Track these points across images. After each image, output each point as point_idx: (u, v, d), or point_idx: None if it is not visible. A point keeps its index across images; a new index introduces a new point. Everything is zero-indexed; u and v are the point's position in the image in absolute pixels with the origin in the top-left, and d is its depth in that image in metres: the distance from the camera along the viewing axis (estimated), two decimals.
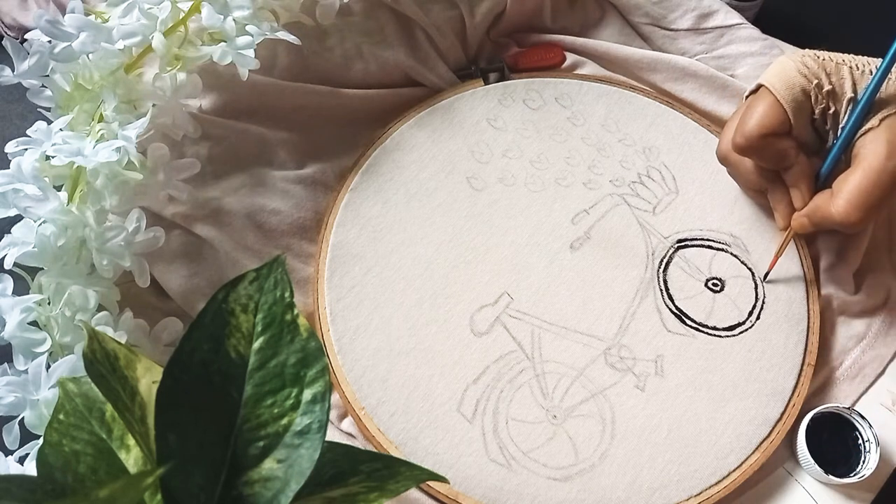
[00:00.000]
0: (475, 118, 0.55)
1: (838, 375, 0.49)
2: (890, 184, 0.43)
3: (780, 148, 0.46)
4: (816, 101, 0.45)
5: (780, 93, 0.45)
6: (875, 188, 0.43)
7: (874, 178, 0.43)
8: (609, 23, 0.61)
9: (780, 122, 0.45)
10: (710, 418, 0.46)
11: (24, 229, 0.42)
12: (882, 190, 0.43)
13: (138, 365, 0.31)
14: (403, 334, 0.48)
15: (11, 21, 0.59)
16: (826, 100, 0.45)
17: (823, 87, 0.45)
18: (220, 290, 0.30)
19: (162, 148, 0.45)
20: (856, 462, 0.44)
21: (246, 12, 0.46)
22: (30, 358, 0.40)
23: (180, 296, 0.47)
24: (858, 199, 0.43)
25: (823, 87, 0.45)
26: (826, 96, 0.45)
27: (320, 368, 0.29)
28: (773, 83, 0.45)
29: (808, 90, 0.45)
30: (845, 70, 0.45)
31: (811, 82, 0.45)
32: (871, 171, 0.43)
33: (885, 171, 0.43)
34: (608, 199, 0.52)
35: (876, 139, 0.43)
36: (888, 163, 0.43)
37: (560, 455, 0.44)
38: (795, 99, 0.45)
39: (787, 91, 0.45)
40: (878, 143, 0.43)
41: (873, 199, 0.43)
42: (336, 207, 0.52)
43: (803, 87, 0.45)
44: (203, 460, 0.28)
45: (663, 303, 0.49)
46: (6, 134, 0.56)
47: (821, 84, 0.45)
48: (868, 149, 0.44)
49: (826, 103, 0.45)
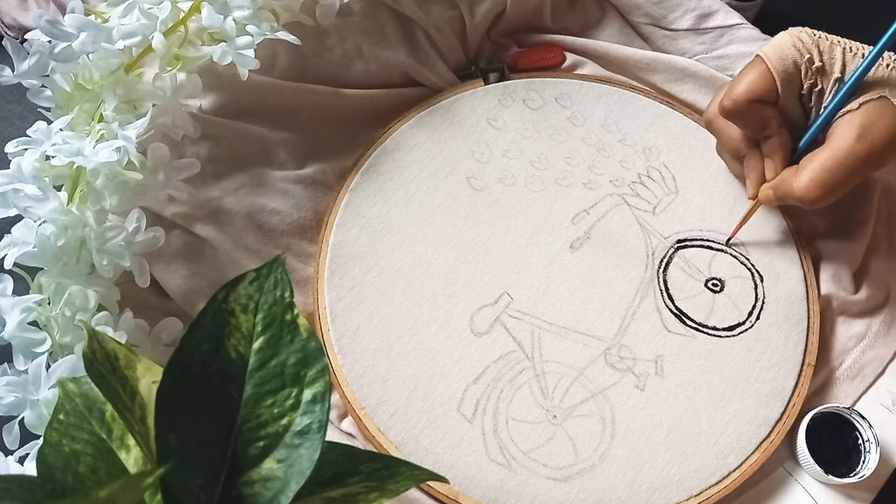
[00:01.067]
0: (475, 118, 0.55)
1: (838, 375, 0.49)
2: (854, 166, 0.43)
3: (764, 116, 0.46)
4: (806, 75, 0.46)
5: (772, 62, 0.46)
6: (839, 168, 0.43)
7: (839, 159, 0.43)
8: (609, 23, 0.61)
9: (768, 90, 0.46)
10: (710, 418, 0.46)
11: (24, 229, 0.42)
12: (845, 171, 0.43)
13: (138, 365, 0.31)
14: (403, 334, 0.48)
15: (11, 21, 0.59)
16: (815, 76, 0.45)
17: (814, 62, 0.45)
18: (220, 290, 0.30)
19: (162, 148, 0.45)
20: (856, 462, 0.44)
21: (246, 12, 0.46)
22: (30, 358, 0.40)
23: (180, 296, 0.47)
24: (820, 176, 0.44)
25: (814, 63, 0.45)
26: (815, 72, 0.45)
27: (320, 368, 0.29)
28: (767, 53, 0.46)
29: (799, 64, 0.45)
30: (838, 50, 0.46)
31: (803, 56, 0.45)
32: (838, 150, 0.43)
33: (851, 153, 0.43)
34: (608, 199, 0.52)
35: (850, 121, 0.44)
36: (856, 145, 0.43)
37: (560, 455, 0.44)
38: (786, 69, 0.45)
39: (779, 61, 0.45)
40: (850, 126, 0.44)
41: (835, 178, 0.43)
42: (336, 207, 0.52)
43: (795, 60, 0.45)
44: (203, 460, 0.28)
45: (663, 303, 0.49)
46: (6, 134, 0.56)
47: (812, 59, 0.45)
48: (840, 130, 0.44)
49: (814, 79, 0.46)
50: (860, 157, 0.43)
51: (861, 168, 0.43)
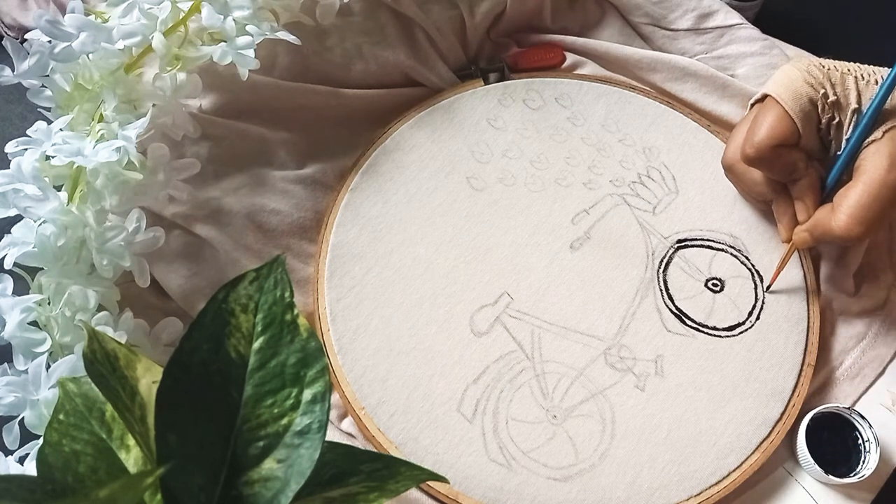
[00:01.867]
0: (475, 118, 0.55)
1: (838, 375, 0.49)
2: (891, 197, 0.42)
3: (790, 160, 0.45)
4: (823, 110, 0.45)
5: (787, 103, 0.45)
6: (876, 202, 0.42)
7: (875, 192, 0.42)
8: (609, 23, 0.61)
9: (790, 133, 0.45)
10: (710, 418, 0.46)
11: (24, 229, 0.42)
12: (882, 203, 0.42)
13: (138, 365, 0.31)
14: (403, 334, 0.48)
15: (11, 21, 0.59)
16: (832, 110, 0.45)
17: (829, 97, 0.44)
18: (220, 290, 0.30)
19: (162, 148, 0.45)
20: (856, 462, 0.44)
21: (246, 12, 0.46)
22: (30, 358, 0.40)
23: (180, 296, 0.47)
24: (859, 213, 0.43)
25: (829, 98, 0.44)
26: (831, 106, 0.44)
27: (320, 368, 0.29)
28: (779, 93, 0.45)
29: (815, 100, 0.45)
30: (850, 80, 0.45)
31: (818, 92, 0.44)
32: (872, 184, 0.43)
33: (885, 184, 0.42)
34: (608, 199, 0.52)
35: (878, 152, 0.43)
36: (889, 175, 0.42)
37: (560, 455, 0.44)
38: (803, 109, 0.44)
39: (794, 101, 0.44)
40: (879, 156, 0.43)
41: (874, 212, 0.42)
42: (336, 207, 0.52)
43: (810, 97, 0.45)
44: (203, 460, 0.28)
45: (663, 303, 0.49)
46: (6, 134, 0.56)
47: (826, 94, 0.44)
48: (869, 161, 0.43)
49: (832, 113, 0.45)
50: (893, 188, 0.42)
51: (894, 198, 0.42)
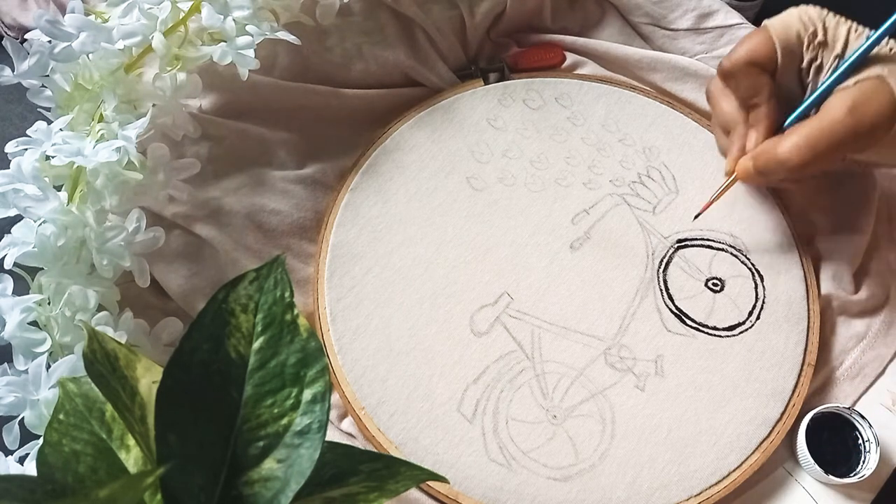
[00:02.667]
0: (475, 118, 0.55)
1: (838, 375, 0.49)
2: (840, 137, 0.43)
3: (758, 81, 0.46)
4: (808, 48, 0.46)
5: (775, 30, 0.46)
6: (825, 136, 0.43)
7: (827, 128, 0.43)
8: (609, 23, 0.61)
9: (767, 55, 0.46)
10: (710, 418, 0.46)
11: (24, 229, 0.42)
12: (831, 140, 0.43)
13: (138, 365, 0.31)
14: (403, 334, 0.48)
15: (11, 21, 0.59)
16: (817, 50, 0.45)
17: (817, 36, 0.45)
18: (220, 290, 0.30)
19: (162, 148, 0.45)
20: (856, 462, 0.44)
21: (246, 12, 0.46)
22: (30, 358, 0.40)
23: (180, 296, 0.47)
24: (806, 141, 0.43)
25: (817, 37, 0.45)
26: (818, 46, 0.45)
27: (320, 368, 0.29)
28: (772, 22, 0.46)
29: (802, 36, 0.46)
30: (843, 28, 0.46)
31: (807, 29, 0.45)
32: (827, 120, 0.43)
33: (840, 123, 0.43)
34: (608, 199, 0.52)
35: (843, 96, 0.44)
36: (845, 118, 0.43)
37: (560, 455, 0.44)
38: (788, 39, 0.46)
39: (782, 30, 0.46)
40: (842, 100, 0.43)
41: (820, 146, 0.43)
42: (336, 207, 0.52)
43: (798, 32, 0.46)
44: (203, 460, 0.28)
45: (663, 303, 0.49)
46: (6, 134, 0.56)
47: (815, 32, 0.45)
48: (832, 103, 0.44)
49: (815, 54, 0.46)
50: (846, 131, 0.43)
51: (845, 142, 0.43)
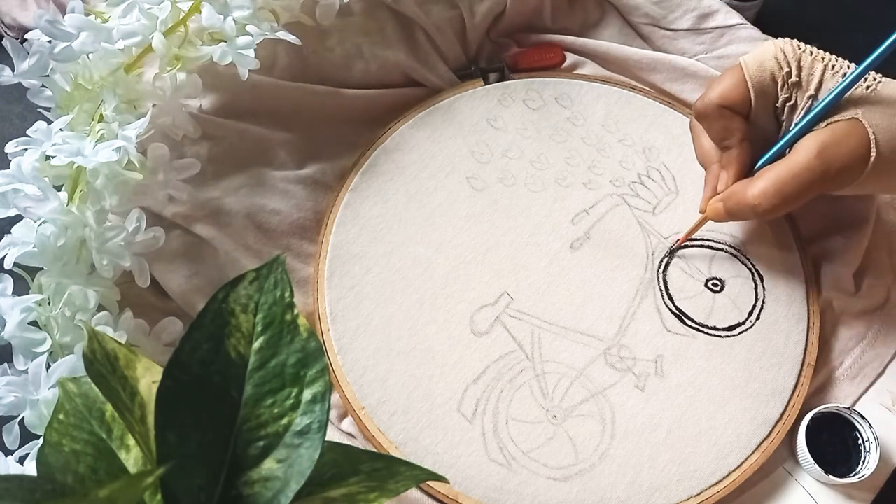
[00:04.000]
0: (475, 118, 0.55)
1: (838, 375, 0.49)
2: (808, 181, 0.43)
3: (729, 125, 0.46)
4: (782, 88, 0.45)
5: (749, 71, 0.45)
6: (794, 180, 0.43)
7: (796, 171, 0.43)
8: (609, 23, 0.61)
9: (740, 99, 0.45)
10: (710, 418, 0.46)
11: (24, 229, 0.42)
12: (799, 184, 0.43)
13: (138, 365, 0.31)
14: (403, 334, 0.48)
15: (11, 21, 0.59)
16: (791, 90, 0.45)
17: (791, 76, 0.45)
18: (220, 290, 0.30)
19: (162, 148, 0.45)
20: (856, 462, 0.44)
21: (246, 12, 0.46)
22: (30, 358, 0.40)
23: (180, 296, 0.47)
24: (775, 186, 0.43)
25: (791, 77, 0.45)
26: (791, 87, 0.45)
27: (320, 368, 0.29)
28: (747, 61, 0.46)
29: (776, 76, 0.45)
30: (818, 67, 0.45)
31: (782, 69, 0.45)
32: (795, 164, 0.43)
33: (807, 167, 0.43)
34: (608, 200, 0.52)
35: (814, 137, 0.43)
36: (814, 161, 0.42)
37: (560, 455, 0.44)
38: (762, 81, 0.45)
39: (756, 72, 0.45)
40: (812, 142, 0.43)
41: (790, 189, 0.43)
42: (336, 207, 0.52)
43: (773, 73, 0.45)
44: (203, 460, 0.28)
45: (663, 303, 0.49)
46: (6, 134, 0.56)
47: (790, 73, 0.45)
48: (802, 145, 0.44)
49: (790, 94, 0.45)
50: (814, 175, 0.42)
51: (814, 185, 0.43)
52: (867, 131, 0.42)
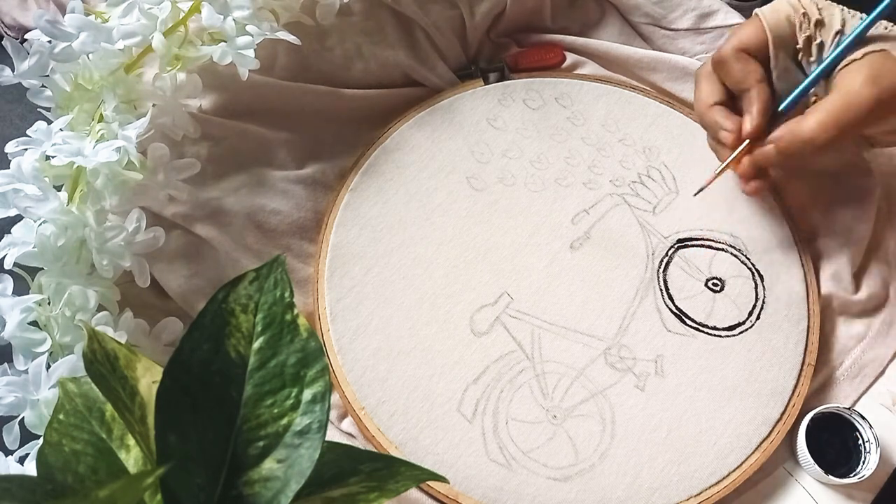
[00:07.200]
0: (475, 118, 0.55)
1: (838, 375, 0.49)
2: (862, 109, 0.43)
3: (747, 68, 0.46)
4: (801, 28, 0.46)
5: (765, 17, 0.46)
6: (847, 111, 0.43)
7: (847, 102, 0.43)
8: (609, 23, 0.61)
9: (758, 44, 0.46)
10: (710, 418, 0.46)
11: (24, 229, 0.42)
12: (854, 114, 0.43)
13: (138, 365, 0.31)
14: (403, 334, 0.48)
15: (11, 21, 0.59)
16: (814, 30, 0.46)
17: (812, 17, 0.45)
18: (220, 290, 0.30)
19: (162, 148, 0.45)
20: (856, 462, 0.44)
21: (246, 12, 0.46)
22: (30, 358, 0.40)
23: (180, 296, 0.47)
24: (829, 118, 0.43)
25: (812, 18, 0.45)
26: (814, 26, 0.46)
27: (320, 368, 0.29)
28: (763, 10, 0.47)
29: (791, 19, 0.46)
30: (836, 9, 0.46)
31: (797, 11, 0.46)
32: (846, 94, 0.43)
33: (860, 95, 0.43)
34: (608, 199, 0.52)
35: (857, 69, 0.44)
36: (864, 89, 0.43)
37: (560, 455, 0.44)
38: (778, 24, 0.46)
39: (772, 15, 0.46)
40: (857, 73, 0.44)
41: (845, 120, 0.43)
42: (336, 207, 0.52)
43: (788, 15, 0.46)
44: (203, 460, 0.28)
45: (663, 303, 0.49)
46: (6, 134, 0.56)
47: (808, 14, 0.45)
48: (847, 77, 0.44)
49: (812, 32, 0.46)
50: (870, 101, 0.43)
51: (870, 112, 0.43)
52: None
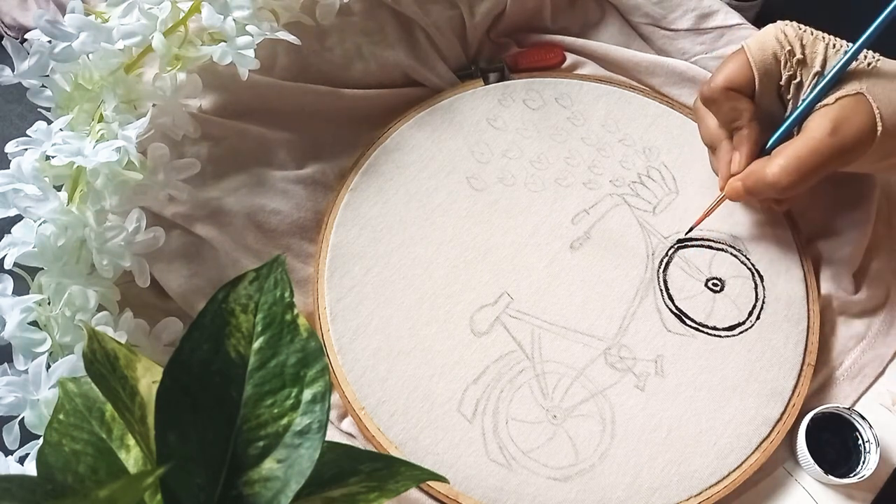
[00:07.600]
0: (475, 118, 0.55)
1: (838, 375, 0.49)
2: (826, 157, 0.43)
3: (737, 107, 0.46)
4: (785, 66, 0.46)
5: (752, 53, 0.46)
6: (811, 157, 0.44)
7: (812, 147, 0.44)
8: (609, 23, 0.61)
9: (746, 81, 0.46)
10: (710, 418, 0.46)
11: (24, 229, 0.42)
12: (817, 161, 0.44)
13: (138, 365, 0.31)
14: (403, 334, 0.48)
15: (11, 21, 0.59)
16: (795, 68, 0.46)
17: (795, 54, 0.45)
18: (220, 290, 0.30)
19: (162, 148, 0.45)
20: (856, 462, 0.44)
21: (246, 12, 0.46)
22: (30, 358, 0.40)
23: (180, 296, 0.47)
24: (794, 163, 0.44)
25: (795, 55, 0.45)
26: (796, 65, 0.46)
27: (320, 368, 0.29)
28: (749, 44, 0.47)
29: (778, 56, 0.46)
30: (821, 45, 0.46)
31: (784, 48, 0.46)
32: (811, 140, 0.44)
33: (823, 143, 0.43)
34: (608, 199, 0.52)
35: (825, 114, 0.44)
36: (829, 138, 0.43)
37: (560, 455, 0.44)
38: (765, 61, 0.46)
39: (759, 52, 0.46)
40: (825, 118, 0.44)
41: (807, 167, 0.44)
42: (336, 207, 0.52)
43: (775, 52, 0.46)
44: (203, 460, 0.28)
45: (663, 303, 0.49)
46: (6, 134, 0.56)
47: (793, 51, 0.46)
48: (815, 122, 0.44)
49: (794, 71, 0.46)
50: (831, 150, 0.43)
51: (831, 160, 0.44)
52: (872, 106, 0.43)
